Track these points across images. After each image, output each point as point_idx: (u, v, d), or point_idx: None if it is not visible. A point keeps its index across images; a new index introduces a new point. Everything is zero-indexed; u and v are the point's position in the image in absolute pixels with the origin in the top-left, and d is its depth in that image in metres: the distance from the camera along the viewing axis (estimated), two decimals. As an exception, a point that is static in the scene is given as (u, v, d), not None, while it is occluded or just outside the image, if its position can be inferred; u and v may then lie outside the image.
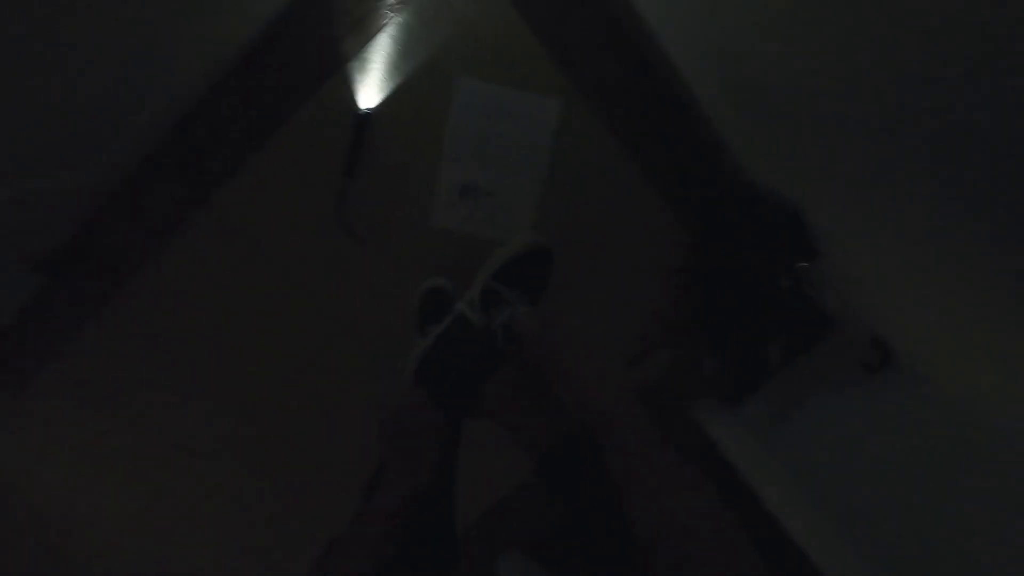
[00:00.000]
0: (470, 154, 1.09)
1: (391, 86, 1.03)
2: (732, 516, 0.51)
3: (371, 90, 1.03)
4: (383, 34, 1.00)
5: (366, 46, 1.01)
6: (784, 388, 1.19)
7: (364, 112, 1.03)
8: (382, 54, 1.01)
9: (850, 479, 1.07)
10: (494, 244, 1.14)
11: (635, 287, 1.22)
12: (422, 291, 1.13)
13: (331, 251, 1.10)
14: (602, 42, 1.05)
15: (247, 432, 1.19)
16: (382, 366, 1.18)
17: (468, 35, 1.02)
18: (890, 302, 1.01)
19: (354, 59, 1.01)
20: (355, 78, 1.02)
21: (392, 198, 1.09)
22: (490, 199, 1.12)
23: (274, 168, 1.05)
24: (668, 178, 1.15)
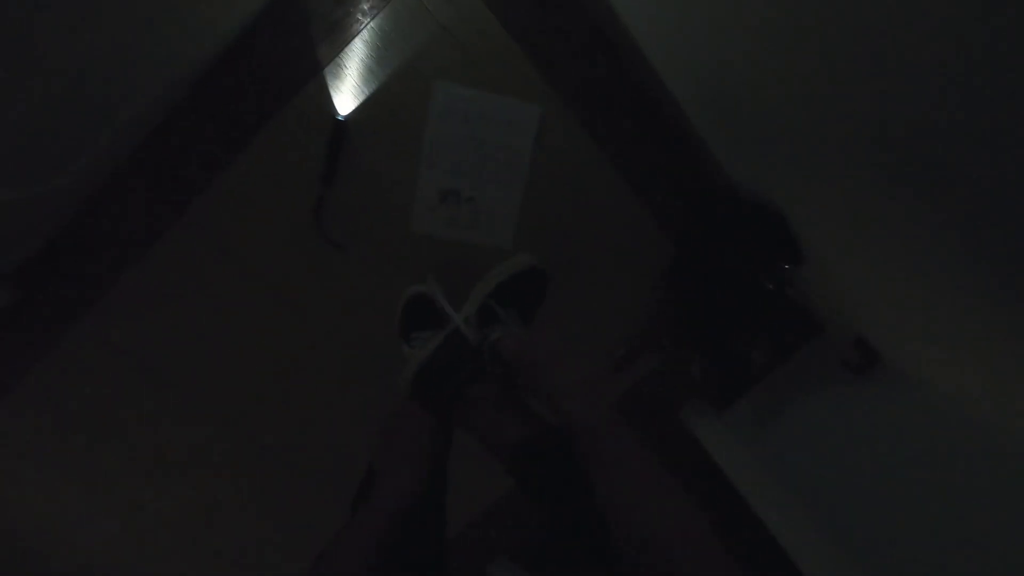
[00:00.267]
0: (450, 160, 1.08)
1: (368, 92, 1.02)
2: (709, 528, 0.51)
3: (348, 96, 1.02)
4: (358, 40, 0.99)
5: (341, 52, 0.99)
6: (769, 390, 1.19)
7: (341, 119, 1.01)
8: (358, 60, 1.00)
9: (835, 481, 1.07)
10: (476, 249, 1.13)
11: (619, 291, 1.22)
12: (405, 297, 1.12)
13: (311, 259, 1.09)
14: (582, 46, 1.05)
15: (228, 444, 1.18)
16: (365, 373, 1.17)
17: (445, 39, 1.01)
18: (873, 303, 1.00)
19: (329, 65, 0.99)
20: (331, 84, 1.00)
21: (372, 205, 1.08)
22: (471, 204, 1.11)
23: (251, 177, 1.03)
24: (650, 182, 1.14)
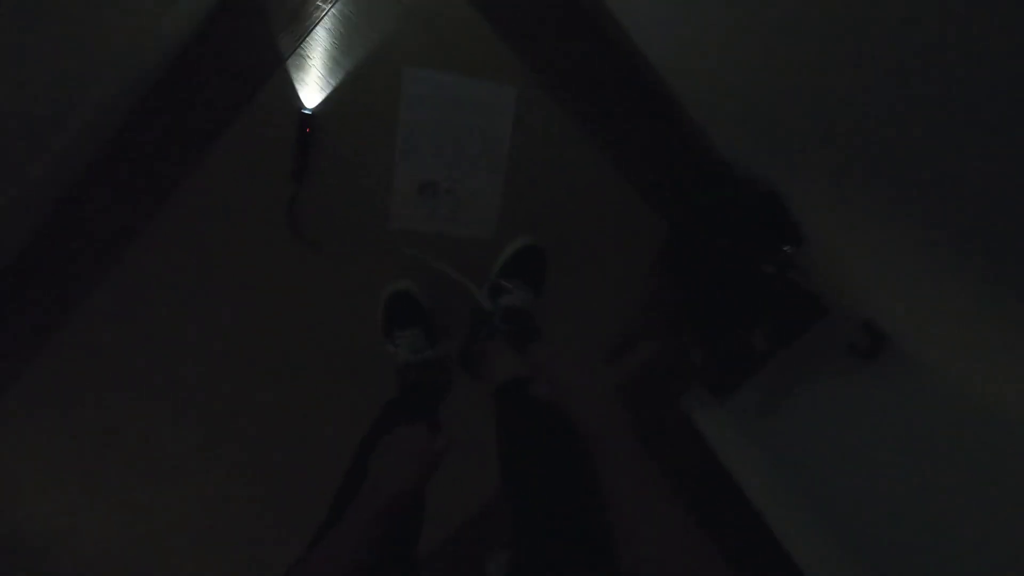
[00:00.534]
0: (425, 150, 1.03)
1: (335, 83, 0.97)
2: (701, 532, 0.49)
3: (314, 89, 0.97)
4: (320, 28, 0.93)
5: (303, 42, 0.94)
6: (772, 377, 1.13)
7: (308, 112, 0.97)
8: (321, 49, 0.95)
9: (841, 473, 1.02)
10: (459, 243, 1.09)
11: (611, 277, 1.17)
12: (387, 295, 1.08)
13: (288, 260, 1.06)
14: (556, 20, 0.98)
15: (213, 446, 1.17)
16: (348, 371, 1.14)
17: (412, 22, 0.95)
18: (882, 283, 0.94)
19: (292, 57, 0.95)
20: (295, 77, 0.96)
21: (347, 201, 1.04)
22: (451, 196, 1.07)
23: (220, 178, 1.00)
24: (639, 163, 1.08)
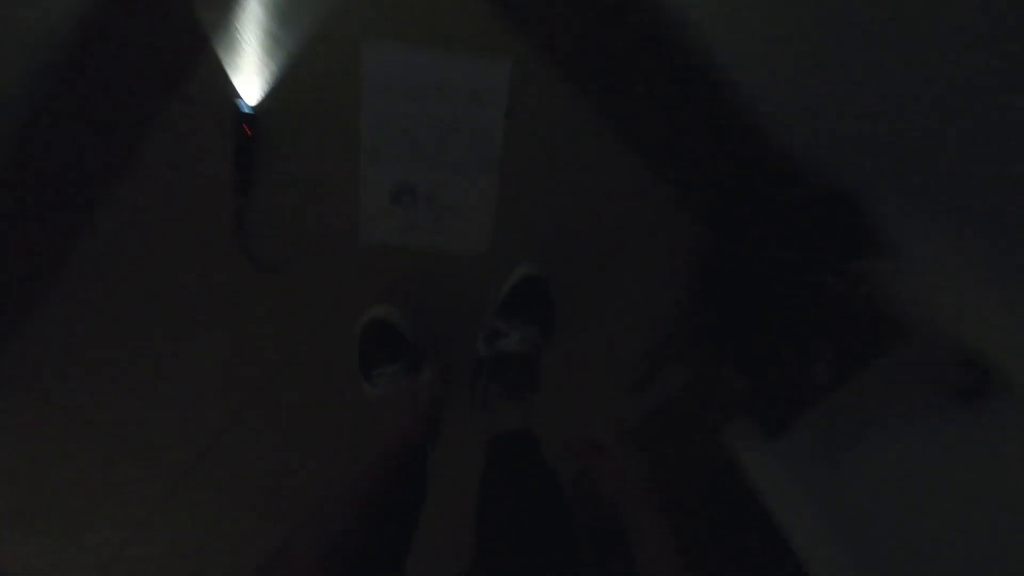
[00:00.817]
0: (398, 147, 0.83)
1: (277, 68, 0.77)
2: None
3: (252, 77, 0.77)
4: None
5: (230, 17, 0.74)
6: (834, 414, 0.93)
7: (248, 112, 0.77)
8: (255, 25, 0.74)
9: (922, 542, 0.83)
10: (444, 257, 0.90)
11: (639, 293, 0.97)
12: (363, 324, 0.91)
13: (243, 286, 0.88)
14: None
15: (178, 481, 1.05)
16: (324, 404, 0.99)
17: (368, -16, 0.73)
18: (989, 306, 0.73)
19: (219, 38, 0.74)
20: (227, 64, 0.76)
21: (308, 214, 0.86)
22: (433, 203, 0.87)
23: (152, 194, 0.81)
24: (672, 155, 0.86)
